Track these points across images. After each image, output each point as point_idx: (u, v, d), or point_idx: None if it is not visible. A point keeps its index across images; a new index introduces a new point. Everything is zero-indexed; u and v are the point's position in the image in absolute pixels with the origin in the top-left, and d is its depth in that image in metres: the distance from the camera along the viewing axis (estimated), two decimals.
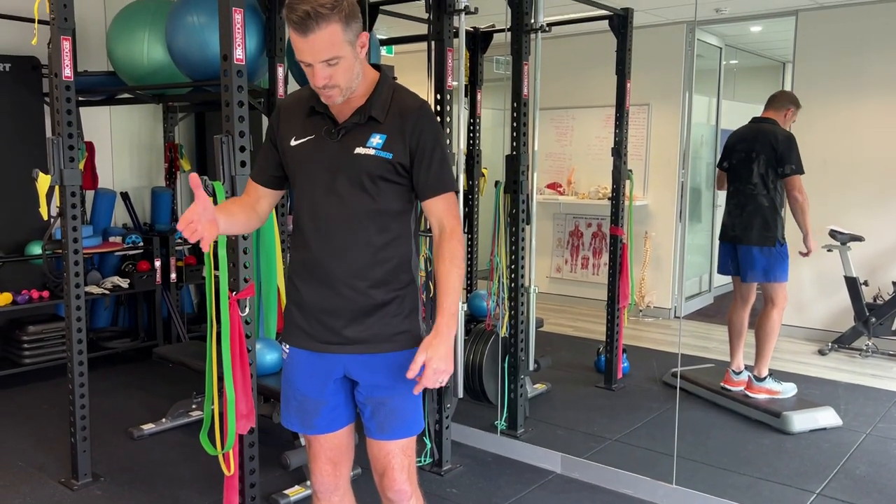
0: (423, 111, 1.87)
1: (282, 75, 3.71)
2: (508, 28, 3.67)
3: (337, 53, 1.72)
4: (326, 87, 1.78)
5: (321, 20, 1.68)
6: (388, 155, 1.83)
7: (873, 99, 4.50)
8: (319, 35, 1.69)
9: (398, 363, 1.90)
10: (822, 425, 3.85)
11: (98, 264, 5.12)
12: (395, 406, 1.93)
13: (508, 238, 3.75)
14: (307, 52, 1.72)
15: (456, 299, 1.86)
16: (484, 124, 4.86)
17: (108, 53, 4.28)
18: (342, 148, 1.86)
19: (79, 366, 3.17)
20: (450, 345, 1.82)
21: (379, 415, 1.94)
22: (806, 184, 3.97)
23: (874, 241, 4.42)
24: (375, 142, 1.84)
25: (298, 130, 1.92)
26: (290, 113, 1.96)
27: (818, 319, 4.82)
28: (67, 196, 3.07)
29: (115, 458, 3.55)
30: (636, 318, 5.42)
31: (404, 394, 1.93)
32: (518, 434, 3.72)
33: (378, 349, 1.91)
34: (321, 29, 1.69)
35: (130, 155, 5.62)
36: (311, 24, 1.68)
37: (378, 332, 1.90)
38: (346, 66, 1.76)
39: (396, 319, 1.91)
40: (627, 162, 4.37)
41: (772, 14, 5.04)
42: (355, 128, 1.86)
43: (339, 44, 1.72)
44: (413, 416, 1.97)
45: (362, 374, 1.93)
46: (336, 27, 1.70)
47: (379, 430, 1.95)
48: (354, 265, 1.87)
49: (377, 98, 1.86)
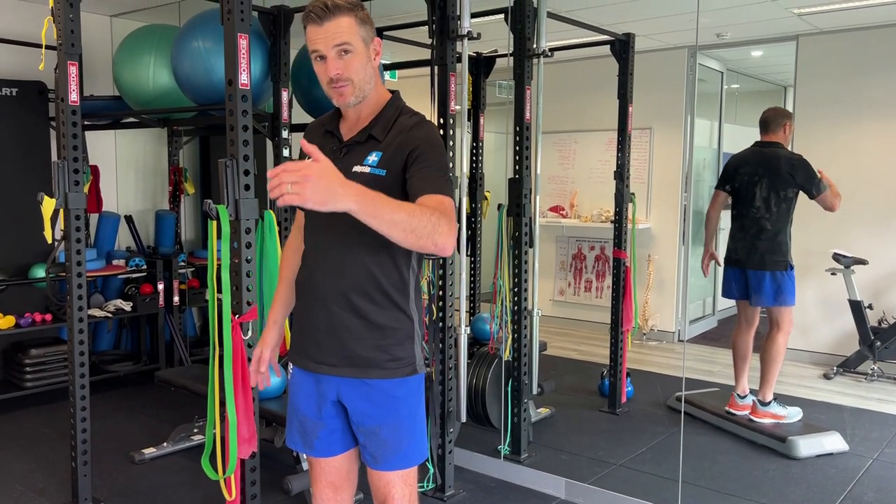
0: (421, 124, 1.87)
1: (286, 100, 3.74)
2: (511, 53, 3.70)
3: (350, 40, 1.78)
4: (339, 81, 1.80)
5: (338, 11, 1.77)
6: (382, 172, 1.82)
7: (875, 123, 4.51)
8: (335, 22, 1.77)
9: (388, 391, 1.87)
10: (829, 450, 3.81)
11: (101, 287, 5.13)
12: (386, 436, 1.89)
13: (511, 261, 3.74)
14: (321, 39, 1.79)
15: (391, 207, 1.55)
16: (487, 148, 4.88)
17: (115, 78, 4.31)
18: (343, 167, 1.84)
19: (80, 389, 3.16)
20: (343, 186, 1.50)
21: (371, 445, 1.91)
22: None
23: (878, 265, 4.41)
24: (372, 159, 1.84)
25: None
26: (313, 135, 2.01)
27: (823, 343, 4.80)
28: (72, 219, 3.08)
29: (116, 483, 3.53)
30: (640, 341, 5.39)
31: (395, 424, 1.88)
32: (522, 459, 3.69)
33: (368, 375, 1.87)
34: (338, 18, 1.77)
35: (135, 178, 5.65)
36: (328, 14, 1.77)
37: (368, 356, 1.86)
38: (359, 60, 1.81)
39: (388, 345, 1.87)
40: (630, 185, 4.38)
41: (772, 39, 5.08)
42: (356, 146, 1.87)
43: (353, 34, 1.79)
44: (408, 447, 1.91)
45: (352, 400, 1.90)
46: (351, 19, 1.79)
47: (372, 461, 1.93)
48: (348, 286, 1.85)
49: (381, 118, 1.88)
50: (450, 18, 3.11)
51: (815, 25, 4.67)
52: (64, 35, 3.03)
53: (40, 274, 4.59)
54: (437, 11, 3.12)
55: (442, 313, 3.25)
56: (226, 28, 2.57)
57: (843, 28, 4.64)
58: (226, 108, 2.60)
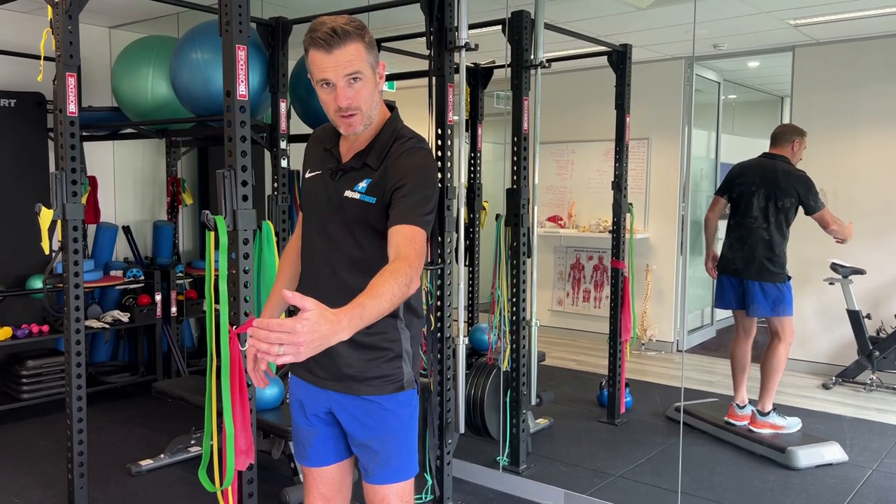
0: (411, 152, 1.82)
1: (284, 110, 3.75)
2: (509, 64, 3.71)
3: (361, 69, 1.73)
4: (349, 110, 1.76)
5: (347, 37, 1.71)
6: (372, 199, 1.80)
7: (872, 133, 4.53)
8: (345, 50, 1.71)
9: (379, 405, 1.88)
10: (828, 461, 3.80)
11: (99, 298, 5.12)
12: (378, 449, 1.89)
13: (509, 271, 3.74)
14: (331, 68, 1.72)
15: (375, 306, 1.54)
16: (485, 158, 4.88)
17: (113, 89, 4.32)
18: (337, 190, 1.86)
19: (77, 401, 3.15)
20: (332, 332, 1.42)
21: (363, 458, 1.92)
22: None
23: (876, 274, 4.41)
24: (361, 185, 1.82)
25: (314, 164, 1.96)
26: (315, 144, 1.99)
27: (821, 353, 4.79)
28: (69, 230, 3.08)
29: (113, 495, 3.51)
30: (638, 351, 5.38)
31: (386, 438, 1.89)
32: (520, 470, 3.67)
33: (359, 391, 1.87)
34: (346, 45, 1.71)
35: (133, 189, 5.65)
36: (336, 41, 1.70)
37: (359, 373, 1.86)
38: (368, 87, 1.77)
39: (379, 363, 1.87)
40: (628, 195, 4.39)
41: (769, 50, 5.10)
42: (352, 171, 1.85)
43: (363, 61, 1.74)
44: (399, 462, 1.91)
45: (343, 415, 1.91)
46: (360, 46, 1.73)
47: (365, 474, 1.94)
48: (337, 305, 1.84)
49: (378, 142, 1.84)
50: (448, 29, 3.12)
51: (811, 36, 4.69)
52: (63, 46, 3.04)
53: (38, 285, 4.58)
54: (435, 22, 3.13)
55: (440, 323, 3.24)
56: (224, 39, 2.58)
57: (840, 39, 4.66)
58: (224, 119, 2.60)
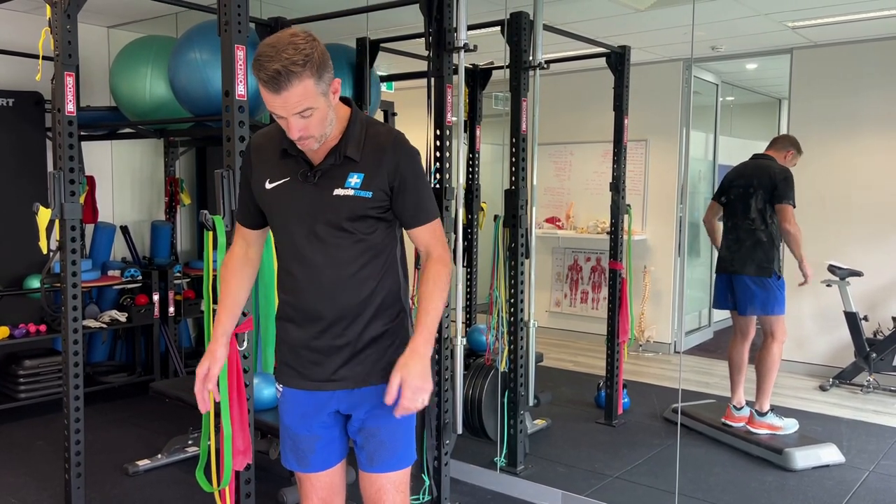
0: (398, 144, 1.84)
1: None
2: (507, 65, 3.71)
3: (311, 105, 1.68)
4: (301, 139, 1.75)
5: (293, 77, 1.63)
6: (368, 194, 1.81)
7: (869, 135, 4.54)
8: (292, 91, 1.65)
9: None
10: (825, 462, 3.81)
11: (96, 298, 5.11)
12: (385, 437, 1.92)
13: (507, 272, 3.75)
14: (279, 107, 1.68)
15: (435, 320, 1.85)
16: (483, 159, 4.89)
17: (111, 89, 4.32)
18: (320, 191, 1.82)
19: (74, 401, 3.14)
20: (426, 363, 1.79)
21: (369, 446, 1.93)
22: (804, 219, 4.00)
23: (873, 277, 4.43)
24: (354, 181, 1.81)
25: (273, 172, 1.87)
26: (262, 153, 1.91)
27: (819, 355, 4.80)
28: (67, 230, 3.07)
29: (110, 496, 3.50)
30: (636, 352, 5.39)
31: (394, 425, 1.91)
32: (518, 471, 3.68)
33: (369, 382, 1.89)
34: (293, 86, 1.64)
35: (131, 189, 5.65)
36: (282, 83, 1.63)
37: (370, 365, 1.89)
38: (320, 116, 1.72)
39: (389, 351, 1.90)
40: (626, 197, 4.39)
41: (767, 52, 5.12)
42: (332, 169, 1.82)
43: (312, 97, 1.67)
44: (403, 449, 1.95)
45: (354, 407, 1.92)
46: (309, 82, 1.65)
47: (368, 462, 1.94)
48: (345, 306, 1.86)
49: (350, 136, 1.82)
50: (447, 31, 3.12)
51: (808, 39, 4.70)
52: (61, 46, 3.03)
53: (35, 284, 4.57)
54: (434, 23, 3.13)
55: (438, 324, 3.24)
56: (223, 39, 2.58)
57: (837, 41, 4.67)
58: (222, 119, 2.60)
